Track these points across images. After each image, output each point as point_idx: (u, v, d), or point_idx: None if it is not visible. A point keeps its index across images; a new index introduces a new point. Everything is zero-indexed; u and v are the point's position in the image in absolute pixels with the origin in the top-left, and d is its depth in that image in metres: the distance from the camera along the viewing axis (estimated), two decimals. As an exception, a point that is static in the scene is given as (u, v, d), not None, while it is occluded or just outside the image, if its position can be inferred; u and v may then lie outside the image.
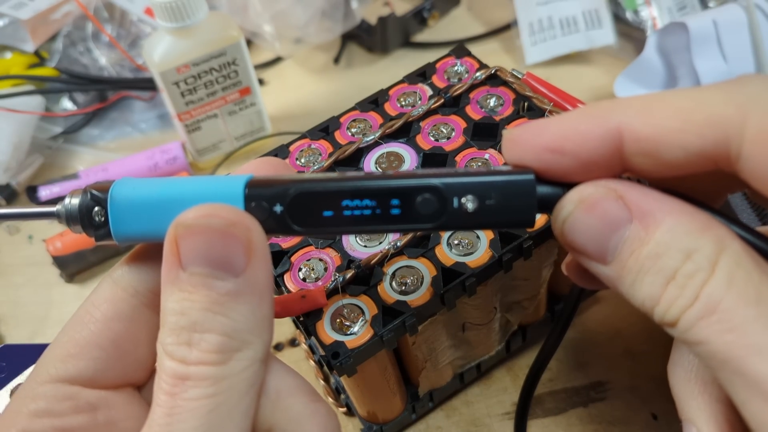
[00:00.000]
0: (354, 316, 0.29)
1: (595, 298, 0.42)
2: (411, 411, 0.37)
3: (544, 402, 0.38)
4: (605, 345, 0.40)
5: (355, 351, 0.28)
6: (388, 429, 0.37)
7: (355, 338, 0.28)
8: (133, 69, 0.59)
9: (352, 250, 0.31)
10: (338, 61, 0.62)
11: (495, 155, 0.33)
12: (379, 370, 0.32)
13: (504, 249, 0.30)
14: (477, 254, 0.30)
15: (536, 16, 0.57)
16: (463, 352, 0.36)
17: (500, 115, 0.35)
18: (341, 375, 0.28)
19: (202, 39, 0.47)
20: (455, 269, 0.29)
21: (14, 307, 0.47)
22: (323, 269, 0.30)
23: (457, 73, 0.37)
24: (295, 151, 0.35)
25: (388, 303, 0.29)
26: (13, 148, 0.52)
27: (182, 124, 0.50)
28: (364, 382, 0.32)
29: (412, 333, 0.29)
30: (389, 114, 0.36)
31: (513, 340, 0.38)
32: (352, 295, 0.29)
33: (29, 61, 0.58)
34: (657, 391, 0.38)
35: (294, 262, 0.31)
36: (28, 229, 0.52)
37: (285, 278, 0.31)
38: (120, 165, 0.51)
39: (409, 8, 0.62)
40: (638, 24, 0.56)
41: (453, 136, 0.34)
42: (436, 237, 0.31)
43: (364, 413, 0.36)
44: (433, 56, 0.38)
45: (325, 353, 0.28)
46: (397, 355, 0.34)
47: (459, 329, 0.34)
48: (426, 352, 0.33)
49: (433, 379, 0.36)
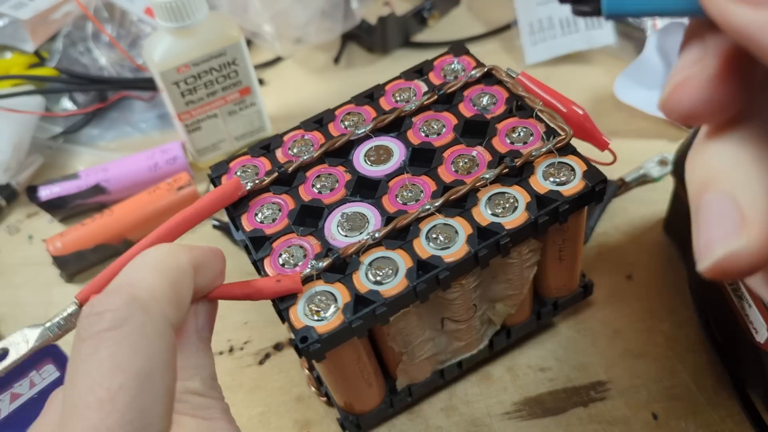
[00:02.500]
0: (326, 302, 0.29)
1: (596, 298, 0.42)
2: (389, 404, 0.37)
3: (544, 402, 0.38)
4: (605, 345, 0.40)
5: (323, 336, 0.28)
6: (365, 420, 0.37)
7: (325, 324, 0.29)
8: (133, 69, 0.59)
9: (332, 239, 0.32)
10: (338, 61, 0.62)
11: (482, 152, 0.33)
12: (352, 360, 0.32)
13: (480, 245, 0.30)
14: (453, 249, 0.30)
15: (536, 16, 0.57)
16: (443, 347, 0.36)
17: (492, 114, 0.35)
18: (310, 360, 0.29)
19: (202, 39, 0.47)
20: (430, 262, 0.30)
21: (14, 307, 0.47)
22: (302, 256, 0.31)
23: (453, 70, 0.37)
24: (288, 141, 0.36)
25: (361, 292, 0.29)
26: (13, 148, 0.52)
27: (182, 124, 0.50)
28: (337, 371, 0.33)
29: (383, 323, 0.30)
30: (383, 108, 0.36)
31: (497, 339, 0.38)
32: (327, 282, 0.30)
33: (29, 61, 0.58)
34: (657, 391, 0.38)
35: (275, 247, 0.32)
36: (28, 229, 0.52)
37: (265, 263, 0.31)
38: (120, 165, 0.51)
39: (409, 8, 0.62)
40: (638, 24, 0.56)
41: (443, 133, 0.35)
42: (415, 230, 0.31)
43: (341, 403, 0.36)
44: (433, 56, 0.38)
45: (294, 336, 0.29)
46: (376, 348, 0.35)
47: (438, 324, 0.35)
48: (401, 345, 0.33)
49: (411, 373, 0.36)
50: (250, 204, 0.34)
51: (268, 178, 0.34)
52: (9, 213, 0.53)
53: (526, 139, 0.33)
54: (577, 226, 0.34)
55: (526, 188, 0.32)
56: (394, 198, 0.33)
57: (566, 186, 0.31)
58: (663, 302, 0.41)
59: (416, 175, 0.33)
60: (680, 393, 0.38)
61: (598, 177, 0.31)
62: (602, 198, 0.32)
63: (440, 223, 0.31)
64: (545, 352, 0.40)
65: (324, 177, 0.34)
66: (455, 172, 0.33)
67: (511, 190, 0.32)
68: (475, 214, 0.31)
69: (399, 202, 0.32)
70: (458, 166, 0.33)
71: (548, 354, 0.40)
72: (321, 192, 0.34)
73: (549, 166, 0.32)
